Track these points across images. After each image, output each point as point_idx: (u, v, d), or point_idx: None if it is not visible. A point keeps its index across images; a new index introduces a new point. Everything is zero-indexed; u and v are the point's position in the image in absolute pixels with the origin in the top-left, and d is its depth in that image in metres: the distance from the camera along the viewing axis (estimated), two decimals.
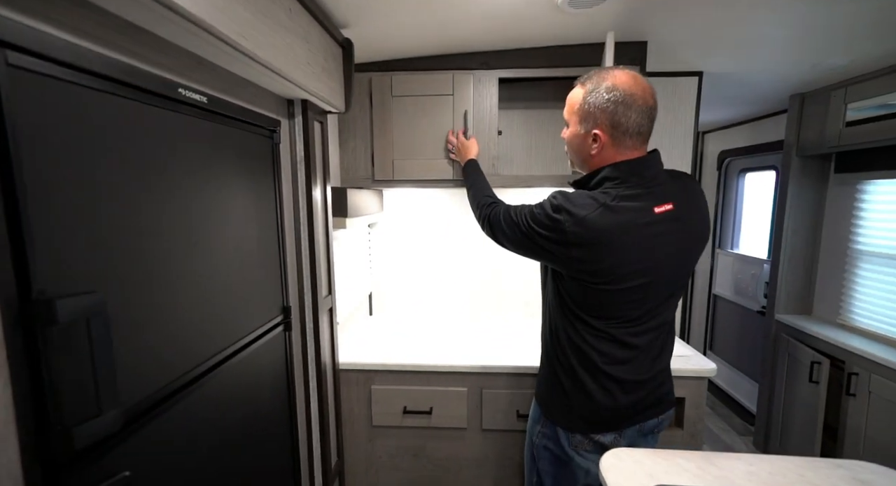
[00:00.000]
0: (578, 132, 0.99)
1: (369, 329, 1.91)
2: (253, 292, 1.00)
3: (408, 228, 2.03)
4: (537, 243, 0.98)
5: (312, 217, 1.21)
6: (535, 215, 0.99)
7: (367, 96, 1.62)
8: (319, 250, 1.29)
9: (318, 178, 1.27)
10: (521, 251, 1.07)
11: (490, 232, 1.15)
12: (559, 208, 0.94)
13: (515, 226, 1.04)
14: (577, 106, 0.98)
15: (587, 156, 1.00)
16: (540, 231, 0.97)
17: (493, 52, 1.56)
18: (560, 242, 0.94)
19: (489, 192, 1.31)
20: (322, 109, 1.28)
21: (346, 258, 1.72)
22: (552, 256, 0.97)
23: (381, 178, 1.65)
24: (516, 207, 1.09)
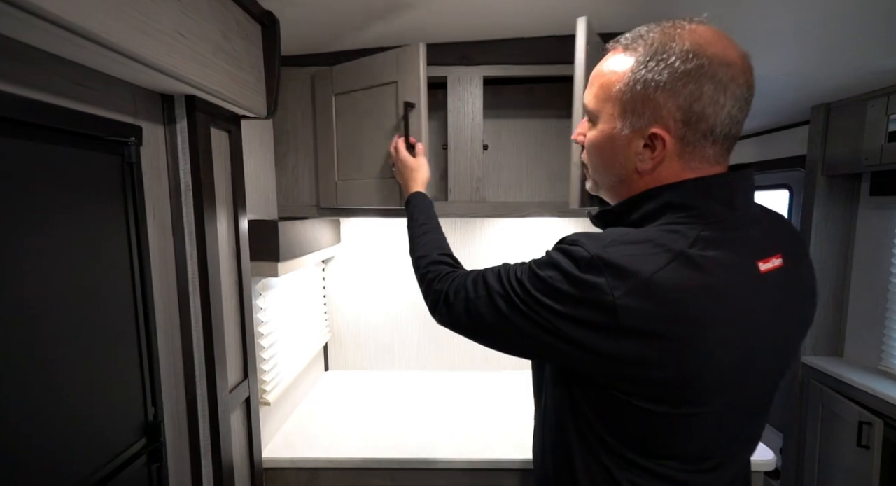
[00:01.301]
0: (617, 132, 0.57)
1: (320, 396, 1.46)
2: (80, 412, 0.57)
3: (372, 263, 1.61)
4: (548, 330, 0.54)
5: (207, 269, 0.78)
6: (541, 279, 0.54)
7: (310, 98, 1.21)
8: (225, 318, 0.86)
9: (221, 210, 0.85)
10: (503, 346, 0.63)
11: (444, 312, 0.69)
12: (596, 263, 0.50)
13: (496, 302, 0.60)
14: (619, 87, 0.55)
15: (630, 172, 0.58)
16: (556, 308, 0.53)
17: (475, 43, 1.18)
18: (599, 326, 0.50)
19: (444, 246, 0.84)
20: (229, 113, 0.86)
21: (288, 310, 1.29)
22: (576, 352, 0.53)
23: (326, 204, 1.24)
24: (495, 269, 0.64)
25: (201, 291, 0.79)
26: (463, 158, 1.22)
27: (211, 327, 0.80)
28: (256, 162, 1.12)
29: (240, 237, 0.91)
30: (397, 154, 1.04)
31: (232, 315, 0.89)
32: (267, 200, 1.19)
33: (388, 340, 1.64)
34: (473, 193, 1.23)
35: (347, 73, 1.17)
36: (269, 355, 1.16)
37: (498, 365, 1.65)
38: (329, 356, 1.66)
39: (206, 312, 0.79)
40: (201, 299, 0.79)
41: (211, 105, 0.79)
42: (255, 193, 1.11)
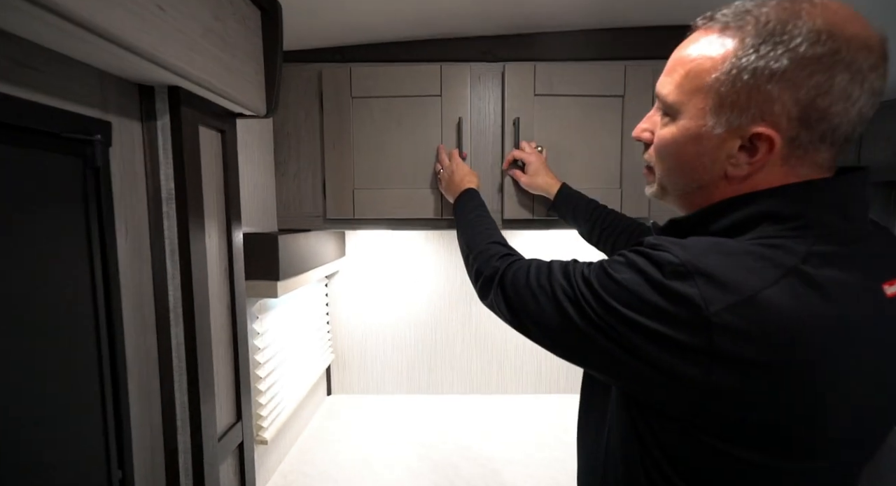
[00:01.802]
0: (706, 131, 0.46)
1: (323, 425, 1.31)
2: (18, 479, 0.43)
3: (379, 278, 1.48)
4: (617, 342, 0.45)
5: (193, 294, 0.65)
6: (615, 282, 0.46)
7: (317, 97, 1.08)
8: (215, 351, 0.72)
9: (211, 223, 0.72)
10: (555, 347, 0.54)
11: (497, 293, 0.61)
12: (686, 270, 0.41)
13: (559, 299, 0.51)
14: (715, 76, 0.45)
15: (715, 177, 0.48)
16: (630, 317, 0.44)
17: (499, 37, 1.06)
18: (685, 347, 0.41)
19: (497, 235, 0.77)
20: (221, 109, 0.73)
21: (289, 333, 1.14)
22: (650, 373, 0.44)
23: (336, 216, 1.10)
24: (562, 261, 0.56)
25: (185, 320, 0.65)
26: (482, 167, 1.09)
27: (196, 364, 0.65)
28: (253, 167, 0.99)
29: (233, 254, 0.78)
30: (452, 162, 1.02)
31: (223, 347, 0.75)
32: (265, 211, 1.05)
33: (397, 361, 1.50)
34: (493, 207, 1.10)
35: (371, 76, 1.05)
36: (267, 385, 1.02)
37: (519, 388, 1.50)
38: (332, 380, 1.51)
39: (191, 345, 0.65)
40: (185, 330, 0.65)
41: (199, 99, 0.66)
42: (251, 203, 0.98)
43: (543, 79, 1.05)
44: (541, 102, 1.07)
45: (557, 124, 1.07)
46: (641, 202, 1.08)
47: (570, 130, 1.07)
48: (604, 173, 1.08)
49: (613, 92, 1.05)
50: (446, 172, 1.01)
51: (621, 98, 1.05)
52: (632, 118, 1.06)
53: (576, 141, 1.07)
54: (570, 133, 1.07)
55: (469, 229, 0.81)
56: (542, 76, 1.05)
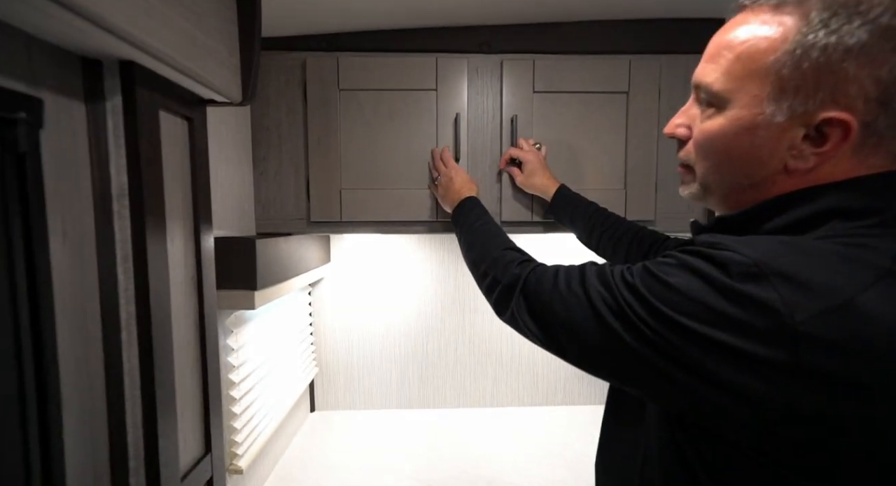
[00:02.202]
0: (763, 120, 0.40)
1: (306, 446, 1.19)
2: None
3: (367, 285, 1.37)
4: (673, 358, 0.38)
5: (150, 309, 0.54)
6: (667, 286, 0.39)
7: (301, 89, 0.98)
8: (180, 373, 0.61)
9: (175, 225, 0.61)
10: (591, 365, 0.46)
11: (522, 312, 0.52)
12: (760, 270, 0.35)
13: (596, 307, 0.43)
14: (774, 57, 0.39)
15: (773, 172, 0.42)
16: (691, 328, 0.36)
17: (498, 26, 0.98)
18: (762, 362, 0.34)
19: (510, 242, 0.69)
20: (188, 93, 0.63)
21: (268, 347, 1.03)
22: (714, 395, 0.36)
23: (321, 218, 1.00)
24: (591, 263, 0.50)
25: (141, 339, 0.54)
26: (480, 169, 1.01)
27: (153, 391, 0.54)
28: (228, 164, 0.88)
29: (202, 261, 0.67)
30: (449, 168, 0.93)
31: (189, 368, 0.64)
32: (242, 213, 0.94)
33: (386, 374, 1.39)
34: (493, 205, 1.01)
35: (360, 67, 0.96)
36: (243, 407, 0.90)
37: (516, 400, 1.42)
38: (315, 395, 1.39)
39: (148, 369, 0.54)
40: (140, 351, 0.54)
41: (160, 79, 0.55)
42: (225, 204, 0.87)
43: (543, 75, 0.98)
44: (540, 99, 0.99)
45: (558, 122, 1.00)
46: (647, 204, 1.01)
47: (571, 128, 1.00)
48: (607, 174, 1.01)
49: (617, 88, 0.99)
50: (444, 178, 0.92)
51: (626, 95, 0.99)
52: (637, 116, 0.99)
53: (577, 140, 1.00)
54: (572, 132, 1.00)
55: (476, 238, 0.73)
56: (542, 72, 0.98)
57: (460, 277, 1.37)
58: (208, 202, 0.68)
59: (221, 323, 0.85)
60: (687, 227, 1.06)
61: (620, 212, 1.01)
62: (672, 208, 1.03)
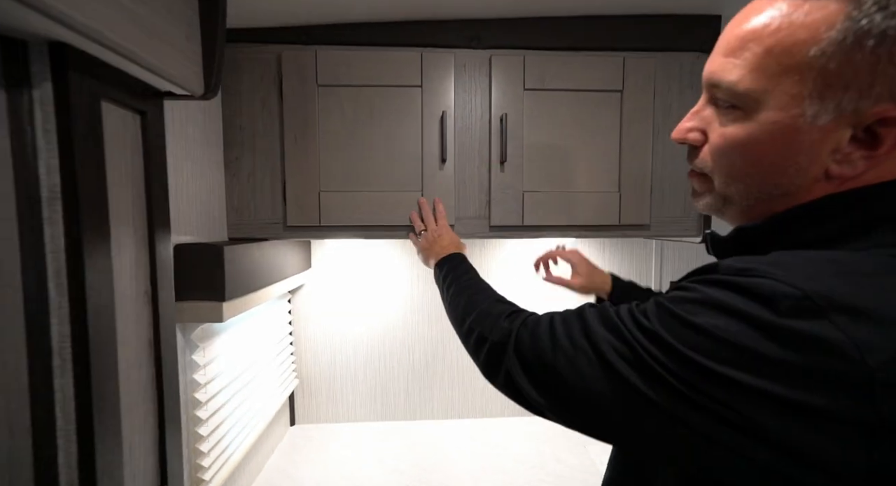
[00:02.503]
0: (803, 122, 0.34)
1: (285, 464, 1.11)
2: None
3: (350, 292, 1.30)
4: (721, 417, 0.30)
5: (88, 329, 0.46)
6: (696, 329, 0.31)
7: (276, 85, 0.91)
8: (128, 400, 0.53)
9: (123, 231, 0.53)
10: (625, 436, 0.37)
11: (518, 374, 0.44)
12: (815, 304, 0.28)
13: (608, 359, 0.36)
14: (816, 50, 0.32)
15: (810, 180, 0.36)
16: (743, 381, 0.29)
17: (487, 20, 0.92)
18: (831, 419, 0.27)
19: (500, 295, 0.63)
20: (139, 84, 0.55)
21: (242, 360, 0.95)
22: (771, 461, 0.29)
23: (298, 222, 0.93)
24: (587, 308, 0.42)
25: (77, 365, 0.46)
26: (467, 172, 0.95)
27: (92, 425, 0.47)
28: (196, 165, 0.81)
29: (158, 271, 0.59)
30: (439, 224, 0.90)
31: (141, 393, 0.57)
32: (212, 218, 0.87)
33: (370, 385, 1.32)
34: (478, 213, 0.95)
35: (340, 61, 0.89)
36: (211, 428, 0.82)
37: (505, 410, 1.35)
38: (296, 408, 1.31)
39: (85, 399, 0.46)
40: (76, 379, 0.46)
41: (101, 65, 0.48)
42: (192, 208, 0.79)
43: (534, 71, 0.93)
44: (531, 97, 0.94)
45: (549, 122, 0.94)
46: (641, 208, 0.96)
47: (562, 128, 0.94)
48: (600, 176, 0.96)
49: (611, 87, 0.94)
50: (431, 233, 0.88)
51: (620, 93, 0.94)
52: (631, 116, 0.94)
53: (569, 141, 0.95)
54: (563, 132, 0.95)
55: (463, 292, 0.66)
56: (533, 68, 0.92)
57: None
58: (165, 206, 0.61)
59: (186, 337, 0.77)
60: (683, 233, 1.03)
61: (614, 217, 0.96)
62: (668, 213, 0.98)
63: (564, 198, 0.95)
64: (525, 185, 0.95)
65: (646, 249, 1.35)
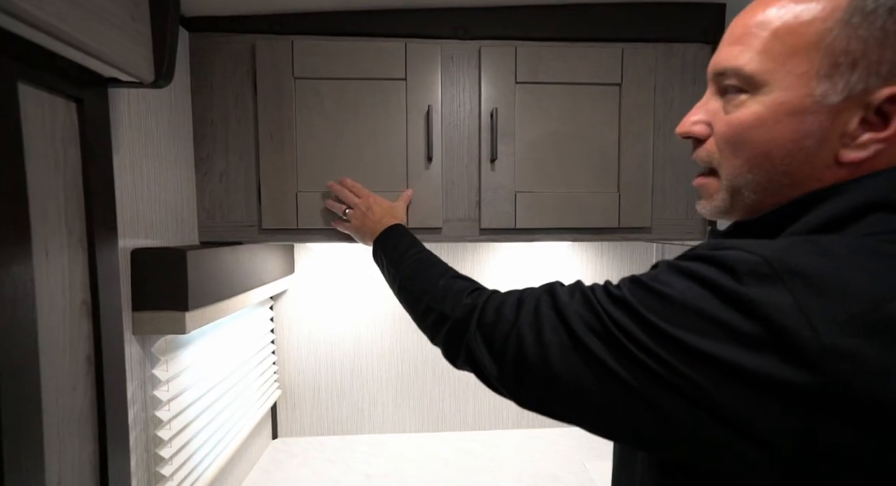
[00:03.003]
0: (812, 102, 0.33)
1: (265, 480, 1.04)
2: None
3: (335, 298, 1.22)
4: (667, 384, 0.30)
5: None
6: (661, 296, 0.32)
7: (250, 78, 0.84)
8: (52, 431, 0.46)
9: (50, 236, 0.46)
10: (590, 417, 0.36)
11: (481, 351, 0.42)
12: (772, 269, 0.29)
13: (575, 331, 0.35)
14: (824, 27, 0.32)
15: (819, 166, 0.35)
16: (687, 343, 0.29)
17: (476, 9, 0.85)
18: (773, 385, 0.27)
19: (453, 270, 0.59)
20: (73, 66, 0.48)
21: (215, 371, 0.87)
22: (714, 433, 0.29)
23: (274, 225, 0.86)
24: (555, 282, 0.42)
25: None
26: (455, 170, 0.88)
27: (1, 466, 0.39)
28: (159, 162, 0.73)
29: (100, 280, 0.52)
30: (363, 197, 0.80)
31: (76, 420, 0.49)
32: (180, 220, 0.80)
33: (356, 396, 1.24)
34: (466, 214, 0.88)
35: (318, 52, 0.82)
36: (175, 449, 0.75)
37: (498, 423, 1.28)
38: (278, 420, 1.24)
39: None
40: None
41: (19, 42, 0.41)
42: (156, 209, 0.72)
43: (526, 63, 0.86)
44: (523, 91, 0.87)
45: (543, 117, 0.87)
46: (642, 209, 0.89)
47: (557, 123, 0.88)
48: (598, 176, 0.89)
49: (609, 80, 0.87)
50: (358, 209, 0.78)
51: (618, 87, 0.87)
52: (630, 110, 0.87)
53: (564, 137, 0.88)
54: (558, 128, 0.88)
55: (412, 270, 0.61)
56: (525, 60, 0.86)
57: None
58: (110, 205, 0.54)
59: (146, 350, 0.70)
60: (686, 236, 0.96)
61: (613, 218, 0.89)
62: (670, 215, 0.91)
63: (560, 199, 0.88)
64: (517, 185, 0.88)
65: (646, 253, 1.28)
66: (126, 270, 0.63)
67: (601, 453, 1.16)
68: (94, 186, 0.51)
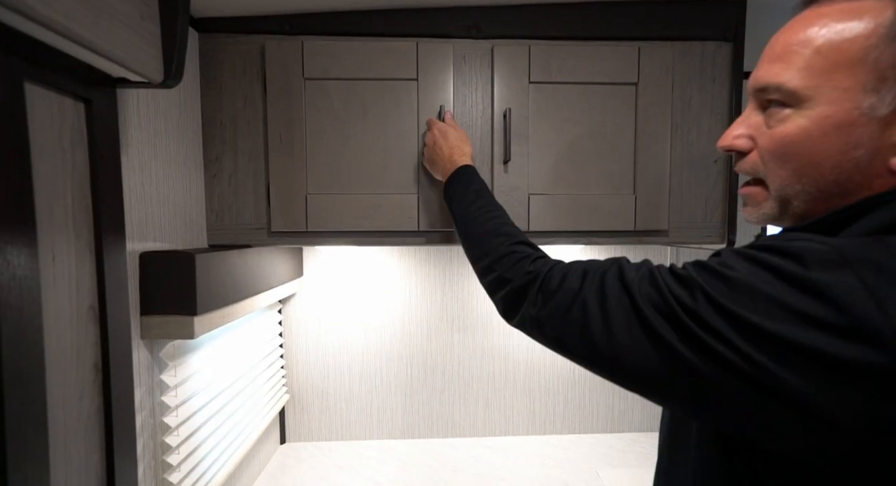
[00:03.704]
0: (859, 115, 0.34)
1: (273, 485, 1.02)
2: None
3: (345, 302, 1.21)
4: (731, 367, 0.31)
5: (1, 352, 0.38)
6: (728, 281, 0.33)
7: (259, 79, 0.83)
8: (58, 439, 0.44)
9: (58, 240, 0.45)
10: (631, 379, 0.38)
11: (537, 302, 0.45)
12: (840, 257, 0.30)
13: (640, 308, 0.37)
14: (869, 43, 0.33)
15: (872, 175, 0.35)
16: (757, 324, 0.30)
17: (488, 8, 0.84)
18: (846, 369, 0.28)
19: (518, 232, 0.60)
20: (81, 66, 0.47)
21: (224, 376, 0.86)
22: (783, 414, 0.30)
23: (284, 228, 0.84)
24: (626, 260, 0.43)
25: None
26: None
27: (5, 477, 0.38)
28: (168, 164, 0.72)
29: (107, 283, 0.51)
30: (430, 127, 0.78)
31: (82, 427, 0.48)
32: (188, 222, 0.79)
33: (366, 401, 1.23)
34: None
35: (328, 53, 0.81)
36: (183, 455, 0.73)
37: (510, 429, 1.25)
38: (286, 424, 1.22)
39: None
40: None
41: (26, 40, 0.40)
42: (165, 211, 0.71)
43: (540, 62, 0.84)
44: (537, 91, 0.85)
45: (557, 118, 0.85)
46: (659, 212, 0.87)
47: (572, 124, 0.85)
48: (614, 178, 0.86)
49: (625, 79, 0.85)
50: (429, 142, 0.77)
51: (634, 86, 0.85)
52: (647, 111, 0.85)
53: (579, 138, 0.86)
54: (573, 128, 0.85)
55: (475, 224, 0.63)
56: (539, 59, 0.84)
57: (447, 292, 1.21)
58: (118, 208, 0.53)
59: (154, 356, 0.69)
60: (704, 239, 0.93)
61: (629, 221, 0.86)
62: (688, 218, 0.88)
63: (574, 201, 0.86)
64: (531, 187, 0.86)
65: (660, 257, 1.25)
66: (134, 273, 0.62)
67: (614, 461, 1.13)
68: (102, 188, 0.50)
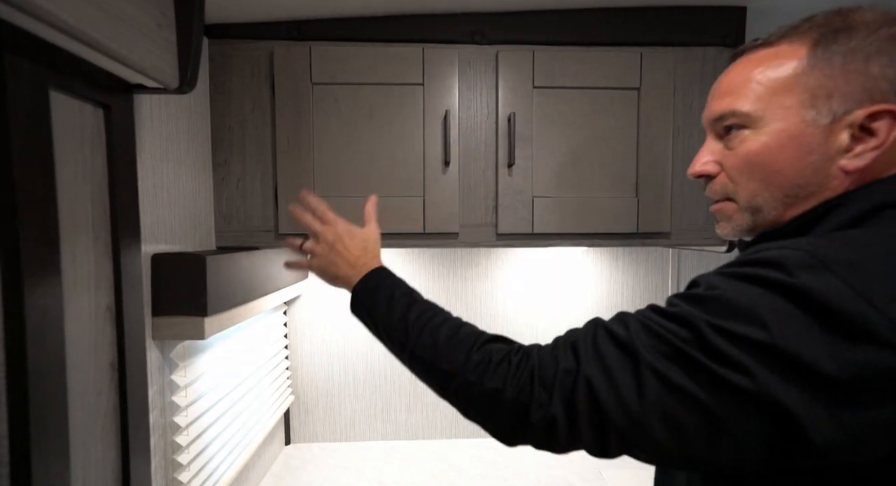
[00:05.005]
0: (805, 127, 0.39)
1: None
2: None
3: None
4: (736, 386, 0.31)
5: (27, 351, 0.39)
6: (721, 299, 0.33)
7: (268, 83, 0.85)
8: (78, 440, 0.46)
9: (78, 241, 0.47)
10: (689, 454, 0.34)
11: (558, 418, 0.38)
12: (818, 260, 0.31)
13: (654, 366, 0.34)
14: (794, 71, 0.40)
15: (825, 178, 0.39)
16: (756, 339, 0.31)
17: (493, 14, 0.86)
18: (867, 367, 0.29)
19: (477, 329, 0.50)
20: (101, 73, 0.49)
21: (230, 377, 0.87)
22: (779, 429, 0.31)
23: (291, 230, 0.86)
24: (600, 321, 0.41)
25: (11, 397, 0.39)
26: (472, 176, 0.87)
27: (30, 468, 0.39)
28: (179, 167, 0.74)
29: (124, 284, 0.52)
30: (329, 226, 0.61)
31: (100, 424, 0.49)
32: (197, 224, 0.80)
33: (370, 402, 1.24)
34: (483, 219, 0.88)
35: (336, 58, 0.83)
36: (193, 454, 0.75)
37: None
38: (291, 426, 1.23)
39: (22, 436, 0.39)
40: (10, 414, 0.39)
41: (50, 49, 0.41)
42: (175, 214, 0.73)
43: (544, 68, 0.85)
44: (541, 96, 0.86)
45: (560, 122, 0.87)
46: (661, 215, 0.88)
47: (575, 128, 0.87)
48: (617, 181, 0.88)
49: (627, 84, 0.86)
50: (323, 242, 0.60)
51: (637, 91, 0.86)
52: (649, 115, 0.87)
53: (582, 142, 0.87)
54: (576, 133, 0.87)
55: (425, 337, 0.49)
56: (543, 64, 0.85)
57: (451, 292, 1.23)
58: (134, 211, 0.54)
59: (165, 356, 0.70)
60: (706, 242, 0.94)
61: (632, 224, 0.88)
62: (689, 221, 0.90)
63: (577, 204, 0.87)
64: (535, 190, 0.87)
65: (662, 258, 1.26)
66: (146, 275, 0.64)
67: (617, 462, 1.14)
68: (119, 192, 0.52)
